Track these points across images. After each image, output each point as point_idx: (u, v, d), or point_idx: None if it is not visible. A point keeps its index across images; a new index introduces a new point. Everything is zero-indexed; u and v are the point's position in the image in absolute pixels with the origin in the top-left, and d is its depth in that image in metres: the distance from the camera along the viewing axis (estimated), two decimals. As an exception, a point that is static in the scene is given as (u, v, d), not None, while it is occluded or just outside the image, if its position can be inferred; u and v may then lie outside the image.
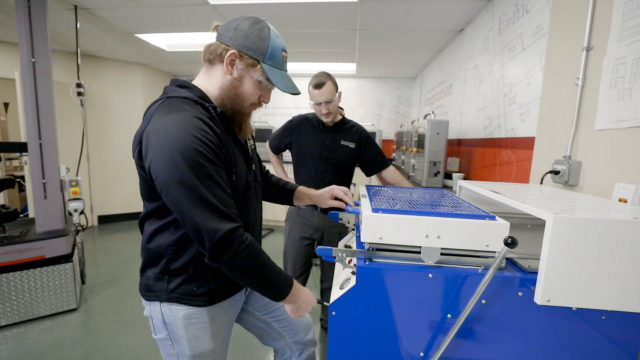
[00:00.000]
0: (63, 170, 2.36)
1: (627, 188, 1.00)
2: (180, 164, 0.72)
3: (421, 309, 0.84)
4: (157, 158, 0.74)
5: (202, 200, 0.74)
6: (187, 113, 0.78)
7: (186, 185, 0.73)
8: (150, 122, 0.78)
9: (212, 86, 0.89)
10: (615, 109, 1.12)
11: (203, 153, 0.75)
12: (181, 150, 0.73)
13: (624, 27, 1.10)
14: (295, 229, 1.86)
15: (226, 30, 0.85)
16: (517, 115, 1.81)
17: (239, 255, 0.77)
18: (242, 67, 0.85)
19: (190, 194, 0.73)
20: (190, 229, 0.76)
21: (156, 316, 0.91)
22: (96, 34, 3.29)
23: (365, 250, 0.87)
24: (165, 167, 0.73)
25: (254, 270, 0.81)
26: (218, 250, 0.76)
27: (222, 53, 0.85)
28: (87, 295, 2.60)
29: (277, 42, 0.87)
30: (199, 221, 0.74)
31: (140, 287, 0.94)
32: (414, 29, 2.86)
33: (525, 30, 1.76)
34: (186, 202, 0.73)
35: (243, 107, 0.91)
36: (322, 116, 1.73)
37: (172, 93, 0.85)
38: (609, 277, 0.72)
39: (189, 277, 0.88)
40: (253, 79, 0.87)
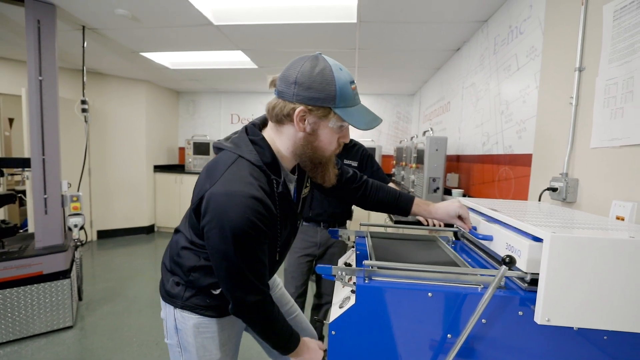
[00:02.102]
0: (64, 185, 2.37)
1: (624, 206, 1.01)
2: (229, 241, 0.75)
3: (421, 329, 0.84)
4: (212, 226, 0.77)
5: (239, 274, 0.79)
6: (251, 190, 0.76)
7: (229, 259, 0.77)
8: (217, 184, 0.77)
9: (283, 144, 0.84)
10: (608, 128, 1.14)
11: (253, 235, 0.77)
12: (234, 229, 0.74)
13: (614, 49, 1.14)
14: (297, 245, 1.86)
15: (286, 87, 0.78)
16: (514, 132, 1.84)
17: (256, 317, 0.87)
18: (314, 119, 0.79)
19: (230, 267, 0.79)
20: (222, 285, 0.84)
21: (169, 320, 0.95)
22: (102, 53, 3.37)
23: (365, 269, 0.87)
24: (216, 237, 0.77)
25: (267, 328, 0.90)
26: (240, 311, 0.85)
27: (289, 113, 0.78)
28: (83, 312, 2.57)
29: (344, 78, 0.78)
30: (231, 287, 0.81)
31: (161, 286, 0.98)
32: (411, 48, 2.94)
33: (519, 51, 1.81)
34: (223, 271, 0.80)
35: (324, 159, 0.86)
36: None
37: (244, 152, 0.81)
38: (608, 296, 0.72)
39: (205, 292, 0.92)
40: (329, 128, 0.81)
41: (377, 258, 1.06)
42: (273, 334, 0.90)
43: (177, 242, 0.94)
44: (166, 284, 0.95)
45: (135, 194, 4.74)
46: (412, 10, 2.19)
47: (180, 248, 0.93)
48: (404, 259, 1.02)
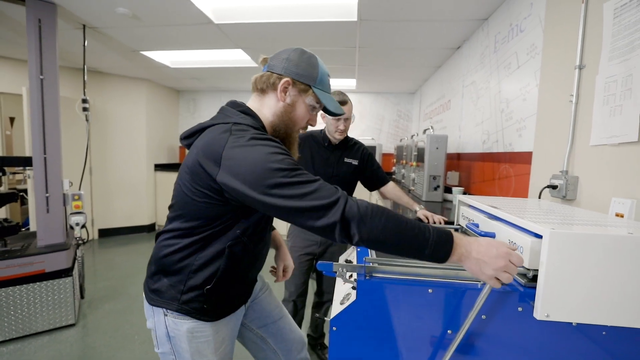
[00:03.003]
0: (66, 184, 2.38)
1: (623, 203, 1.01)
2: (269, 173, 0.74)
3: (421, 324, 0.84)
4: (248, 175, 0.75)
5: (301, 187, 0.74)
6: (266, 137, 0.82)
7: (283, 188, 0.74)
8: (226, 149, 0.78)
9: (264, 115, 0.93)
10: (608, 125, 1.14)
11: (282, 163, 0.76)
12: (264, 162, 0.75)
13: (613, 47, 1.14)
14: (298, 244, 1.86)
15: (277, 61, 0.91)
16: (514, 130, 1.85)
17: (370, 217, 0.72)
18: (295, 93, 0.91)
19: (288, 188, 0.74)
20: (307, 222, 0.75)
21: (160, 329, 0.91)
22: (103, 52, 3.38)
23: (366, 265, 0.88)
24: (256, 179, 0.74)
25: (389, 225, 0.72)
26: (348, 225, 0.73)
27: (275, 82, 0.90)
28: (85, 310, 2.58)
29: (324, 69, 0.95)
30: (312, 210, 0.74)
31: (146, 291, 0.93)
32: (412, 46, 2.94)
33: (519, 49, 1.82)
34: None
35: (293, 131, 0.97)
36: (337, 132, 1.75)
37: (238, 120, 0.87)
38: (608, 292, 0.73)
39: (202, 294, 0.89)
40: (305, 104, 0.93)
41: (378, 255, 1.07)
42: (406, 230, 0.71)
43: (169, 246, 0.90)
44: (159, 287, 0.90)
45: (136, 192, 4.75)
46: (412, 9, 2.19)
47: (175, 249, 0.89)
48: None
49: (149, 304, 0.92)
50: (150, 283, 0.93)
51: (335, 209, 0.72)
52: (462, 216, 1.31)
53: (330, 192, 0.74)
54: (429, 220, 1.66)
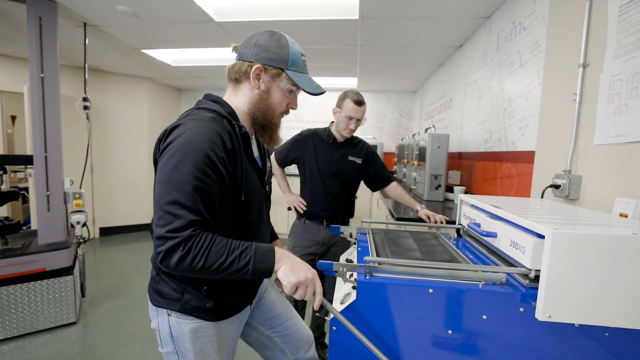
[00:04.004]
0: (67, 182, 2.38)
1: (627, 203, 1.00)
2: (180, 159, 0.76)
3: (421, 324, 0.84)
4: (168, 153, 0.77)
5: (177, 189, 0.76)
6: (210, 124, 0.81)
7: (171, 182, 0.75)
8: (176, 128, 0.81)
9: (241, 102, 0.93)
10: (613, 125, 1.13)
11: (206, 160, 0.77)
12: (188, 148, 0.77)
13: (619, 45, 1.12)
14: (300, 244, 1.85)
15: (246, 48, 0.89)
16: (517, 129, 1.83)
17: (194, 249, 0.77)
18: (268, 78, 0.89)
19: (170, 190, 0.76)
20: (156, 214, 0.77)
21: (164, 329, 0.91)
22: (104, 50, 3.37)
23: (366, 264, 0.87)
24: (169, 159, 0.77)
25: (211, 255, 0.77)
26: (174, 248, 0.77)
27: (247, 70, 0.88)
28: (86, 309, 2.58)
29: (296, 48, 0.91)
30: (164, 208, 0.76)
31: (150, 291, 0.93)
32: (413, 45, 2.92)
33: (522, 47, 1.80)
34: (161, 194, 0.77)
35: (274, 117, 0.94)
36: (346, 131, 1.75)
37: (205, 105, 0.89)
38: (610, 293, 0.72)
39: (201, 295, 0.88)
40: (280, 88, 0.91)
41: (379, 254, 1.06)
42: (227, 255, 0.77)
43: None
44: (162, 287, 0.90)
45: (137, 191, 4.76)
46: (414, 6, 2.18)
47: None
48: (406, 255, 1.02)
49: (152, 304, 0.92)
50: (153, 284, 0.92)
51: (168, 244, 0.73)
52: (463, 215, 1.30)
53: (181, 229, 0.73)
54: (430, 219, 1.65)
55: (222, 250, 0.77)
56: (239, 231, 0.89)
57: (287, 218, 4.58)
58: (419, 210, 1.74)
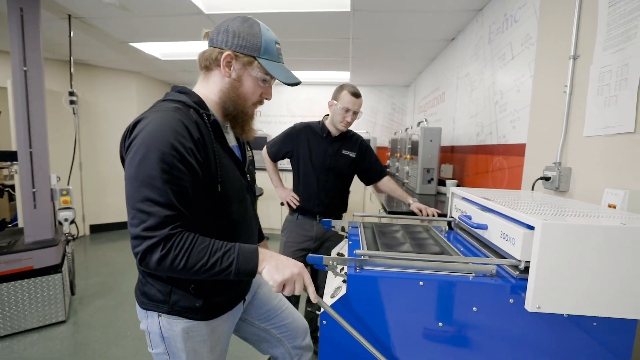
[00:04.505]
0: (54, 179, 2.33)
1: (616, 194, 1.01)
2: (146, 157, 0.73)
3: (412, 317, 0.83)
4: (133, 149, 0.75)
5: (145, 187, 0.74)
6: (173, 114, 0.77)
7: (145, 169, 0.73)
8: (138, 123, 0.77)
9: (211, 92, 0.89)
10: (602, 116, 1.13)
11: (173, 154, 0.74)
12: (152, 144, 0.73)
13: (608, 36, 1.12)
14: (293, 239, 1.84)
15: (217, 34, 0.85)
16: (508, 122, 1.83)
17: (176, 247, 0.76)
18: (239, 66, 0.85)
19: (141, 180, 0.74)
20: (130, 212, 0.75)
21: (153, 330, 0.88)
22: (90, 43, 3.29)
23: (356, 258, 0.86)
24: (133, 157, 0.74)
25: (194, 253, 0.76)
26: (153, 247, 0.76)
27: (217, 57, 0.85)
28: (76, 307, 2.54)
29: (269, 36, 0.87)
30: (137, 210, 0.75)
31: (137, 293, 0.90)
32: (406, 38, 2.90)
33: (514, 39, 1.80)
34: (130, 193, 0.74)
35: (246, 108, 0.90)
36: (342, 123, 1.72)
37: (170, 97, 0.86)
38: (599, 283, 0.72)
39: (189, 294, 0.86)
40: (252, 77, 0.87)
41: (370, 248, 1.05)
42: (209, 256, 0.75)
43: None
44: (148, 290, 0.87)
45: (128, 187, 4.68)
46: (406, -1, 2.16)
47: None
48: (397, 248, 1.02)
49: (140, 307, 0.89)
50: (140, 286, 0.90)
51: (145, 244, 0.71)
52: (455, 208, 1.30)
53: (157, 227, 0.71)
54: (423, 212, 1.65)
55: (204, 251, 0.75)
56: (220, 224, 0.86)
57: (281, 213, 4.56)
58: (411, 203, 1.73)
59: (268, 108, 5.22)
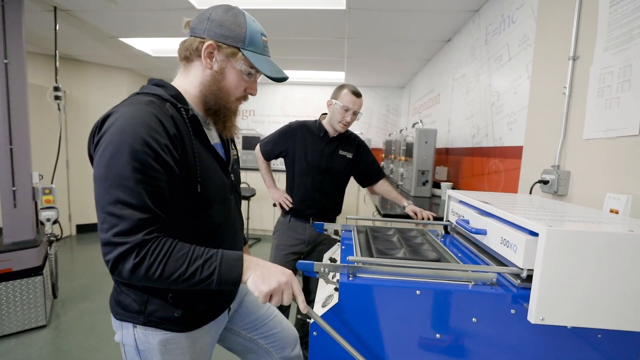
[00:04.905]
0: (36, 177, 2.23)
1: (618, 199, 0.97)
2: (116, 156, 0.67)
3: (408, 328, 0.78)
4: (101, 147, 0.69)
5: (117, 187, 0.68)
6: (146, 108, 0.71)
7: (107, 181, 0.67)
8: (108, 117, 0.71)
9: (190, 84, 0.83)
10: (603, 119, 1.10)
11: (147, 153, 0.68)
12: (126, 147, 0.67)
13: (609, 37, 1.09)
14: (284, 242, 1.77)
15: (198, 23, 0.79)
16: (504, 124, 1.81)
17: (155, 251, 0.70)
18: (222, 58, 0.79)
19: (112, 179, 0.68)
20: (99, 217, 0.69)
21: (128, 343, 0.81)
22: (78, 37, 3.19)
23: (349, 265, 0.81)
24: (102, 156, 0.68)
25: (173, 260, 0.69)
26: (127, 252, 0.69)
27: (198, 47, 0.78)
28: (59, 310, 2.45)
29: (255, 27, 0.81)
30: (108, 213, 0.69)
31: (112, 303, 0.84)
32: (402, 38, 2.87)
33: (511, 40, 1.77)
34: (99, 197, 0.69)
35: (228, 103, 0.84)
36: (340, 123, 1.66)
37: (145, 90, 0.79)
38: (607, 294, 0.68)
39: (167, 303, 0.80)
40: (236, 70, 0.81)
41: (364, 253, 1.00)
42: (188, 264, 0.69)
43: None
44: (123, 299, 0.80)
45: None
46: (402, -3, 2.12)
47: None
48: (392, 254, 0.97)
49: (115, 318, 0.83)
50: (115, 294, 0.83)
51: (117, 251, 0.65)
52: (451, 212, 1.25)
53: (129, 232, 0.65)
54: (418, 216, 1.60)
55: (182, 258, 0.68)
56: (201, 227, 0.80)
57: (273, 214, 4.49)
58: (406, 206, 1.69)
59: (262, 107, 5.15)
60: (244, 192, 3.96)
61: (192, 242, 0.74)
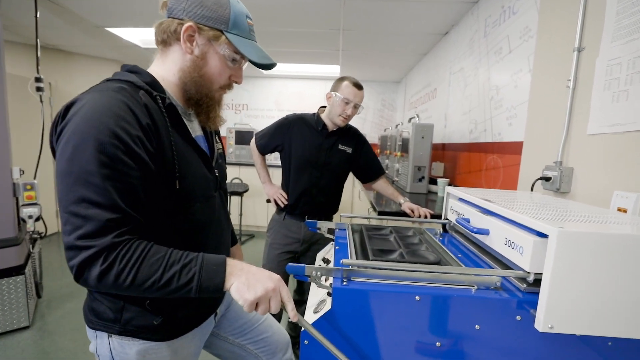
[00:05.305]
0: (16, 172, 2.13)
1: (626, 197, 0.93)
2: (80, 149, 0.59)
3: (407, 337, 0.73)
4: (63, 140, 0.61)
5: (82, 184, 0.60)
6: (114, 95, 0.63)
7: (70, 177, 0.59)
8: (72, 105, 0.63)
9: (169, 71, 0.75)
10: (609, 113, 1.05)
11: (117, 146, 0.60)
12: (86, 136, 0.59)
13: (618, 26, 1.04)
14: (278, 241, 1.70)
15: (177, 3, 0.72)
16: (504, 119, 1.75)
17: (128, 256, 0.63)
18: (204, 41, 0.72)
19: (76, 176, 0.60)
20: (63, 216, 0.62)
21: (103, 353, 0.75)
22: (62, 27, 3.06)
23: (343, 268, 0.75)
24: (64, 150, 0.60)
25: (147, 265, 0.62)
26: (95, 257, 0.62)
27: (176, 29, 0.71)
28: (43, 311, 2.36)
29: (239, 8, 0.75)
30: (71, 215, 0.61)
31: (85, 310, 0.77)
32: (398, 31, 2.80)
33: (512, 32, 1.71)
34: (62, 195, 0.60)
35: (211, 91, 0.77)
36: (340, 117, 1.58)
37: (116, 76, 0.72)
38: (622, 300, 0.63)
39: (145, 310, 0.73)
40: (219, 55, 0.74)
41: (359, 254, 0.94)
42: (164, 270, 0.62)
43: None
44: (97, 306, 0.74)
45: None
46: (400, -13, 2.05)
47: None
48: (389, 255, 0.91)
49: (88, 327, 0.76)
50: (89, 301, 0.76)
51: (82, 256, 0.58)
52: (450, 210, 1.20)
53: (96, 234, 0.58)
54: (415, 213, 1.55)
55: (157, 263, 0.61)
56: (181, 227, 0.74)
57: (267, 211, 4.43)
58: (402, 203, 1.64)
59: (255, 102, 5.05)
60: (237, 188, 3.87)
61: (173, 245, 0.67)
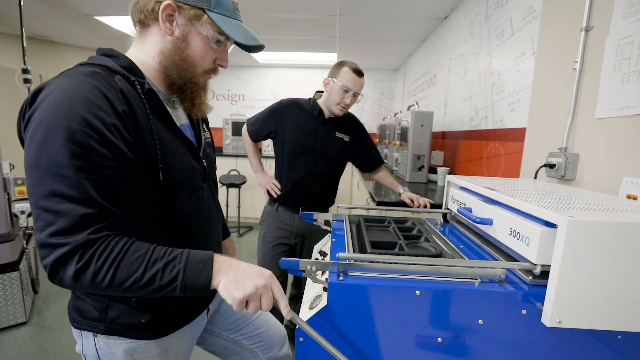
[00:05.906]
0: (6, 166, 2.08)
1: (637, 183, 0.88)
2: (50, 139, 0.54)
3: (407, 333, 0.69)
4: (30, 130, 0.56)
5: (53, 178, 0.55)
6: (87, 80, 0.58)
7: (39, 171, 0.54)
8: (41, 91, 0.58)
9: (147, 54, 0.70)
10: (619, 95, 1.00)
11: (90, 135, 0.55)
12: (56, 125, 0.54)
13: (630, 2, 0.98)
14: (271, 234, 1.65)
15: None
16: (505, 104, 1.70)
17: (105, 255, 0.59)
18: (184, 21, 0.67)
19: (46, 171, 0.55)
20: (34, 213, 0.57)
21: (89, 354, 0.72)
22: (49, 16, 2.96)
23: (339, 262, 0.71)
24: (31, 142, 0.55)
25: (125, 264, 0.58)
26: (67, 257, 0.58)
27: (154, 7, 0.66)
28: (40, 306, 2.34)
29: None
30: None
31: (69, 309, 0.73)
32: (396, 16, 2.71)
33: (515, 14, 1.64)
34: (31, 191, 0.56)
35: (195, 76, 0.72)
36: (338, 106, 1.49)
37: (90, 60, 0.66)
38: (634, 292, 0.59)
39: (132, 308, 0.69)
40: (201, 36, 0.69)
41: (356, 246, 0.90)
42: (146, 268, 0.57)
43: None
44: (81, 305, 0.71)
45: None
46: (398, -32, 1.96)
47: None
48: (387, 248, 0.87)
49: (73, 326, 0.72)
50: (73, 299, 0.72)
51: (55, 254, 0.53)
52: (451, 199, 1.16)
53: (70, 230, 0.53)
54: (414, 203, 1.51)
55: (139, 261, 0.57)
56: (166, 220, 0.69)
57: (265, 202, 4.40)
58: (401, 193, 1.59)
59: (252, 92, 4.96)
60: (234, 180, 3.83)
61: (158, 240, 0.63)
